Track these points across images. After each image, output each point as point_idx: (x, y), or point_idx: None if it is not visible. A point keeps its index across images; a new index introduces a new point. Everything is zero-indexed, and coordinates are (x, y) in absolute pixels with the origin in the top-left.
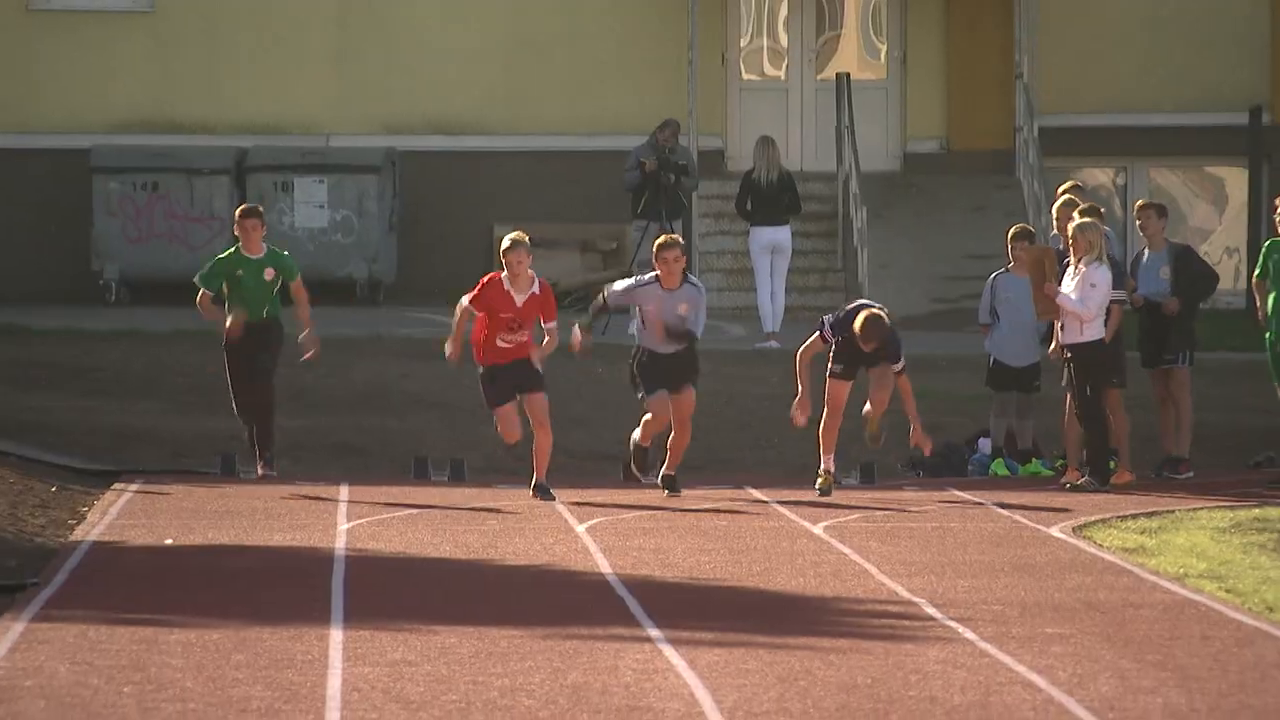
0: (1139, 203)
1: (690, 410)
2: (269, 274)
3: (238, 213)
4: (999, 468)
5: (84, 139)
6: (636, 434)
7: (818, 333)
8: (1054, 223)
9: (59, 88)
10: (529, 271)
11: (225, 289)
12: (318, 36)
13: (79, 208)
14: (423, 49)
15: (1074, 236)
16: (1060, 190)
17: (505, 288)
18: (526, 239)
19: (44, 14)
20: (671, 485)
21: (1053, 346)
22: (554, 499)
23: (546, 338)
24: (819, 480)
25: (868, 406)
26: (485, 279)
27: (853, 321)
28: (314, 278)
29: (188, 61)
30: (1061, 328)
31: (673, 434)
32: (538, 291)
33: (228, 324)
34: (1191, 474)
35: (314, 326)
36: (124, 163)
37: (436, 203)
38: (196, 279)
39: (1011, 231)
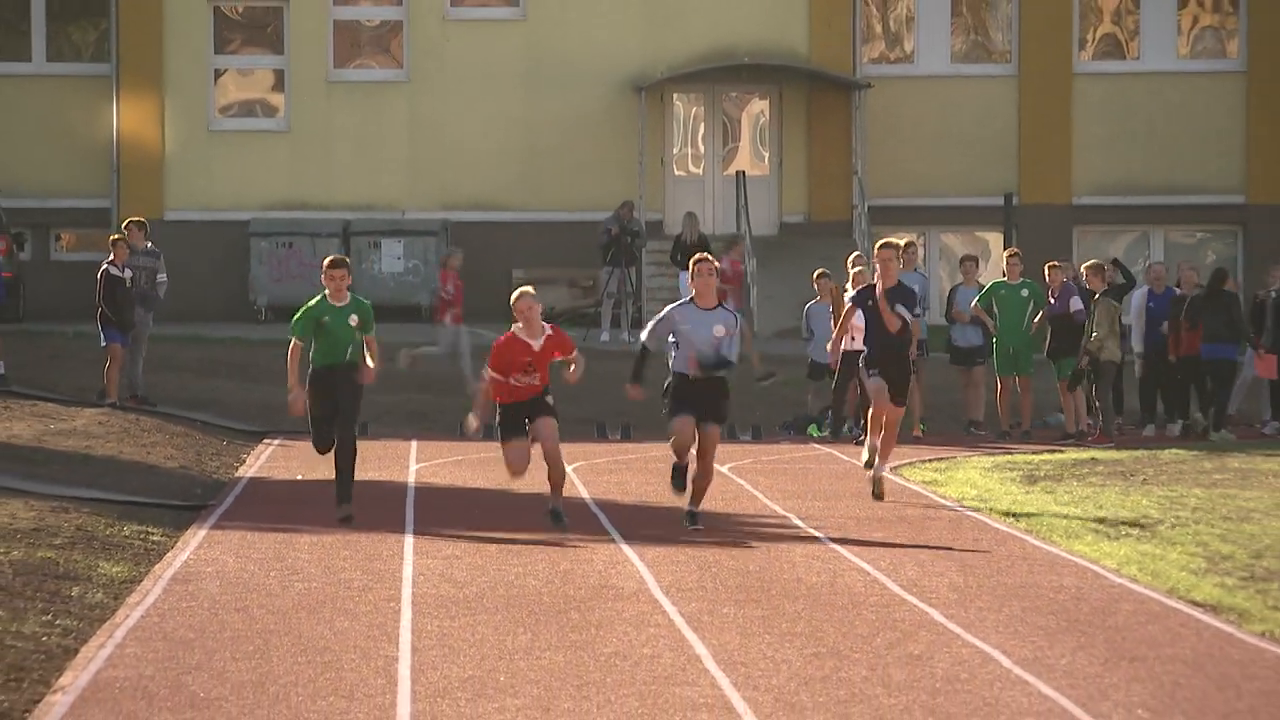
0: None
1: (713, 446)
2: (353, 320)
3: (325, 263)
4: (814, 430)
5: (244, 214)
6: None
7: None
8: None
9: (228, 180)
10: (539, 320)
11: (315, 336)
12: (396, 146)
13: (240, 259)
14: (466, 153)
15: (855, 278)
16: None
17: (521, 338)
18: (533, 289)
19: (219, 132)
20: (692, 520)
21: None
22: (565, 527)
23: (574, 366)
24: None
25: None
26: (498, 342)
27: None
28: (394, 304)
29: (311, 163)
30: (853, 338)
31: (695, 469)
32: (551, 334)
33: (291, 396)
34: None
35: (376, 370)
36: (270, 230)
37: (474, 255)
38: (290, 332)
39: (816, 273)
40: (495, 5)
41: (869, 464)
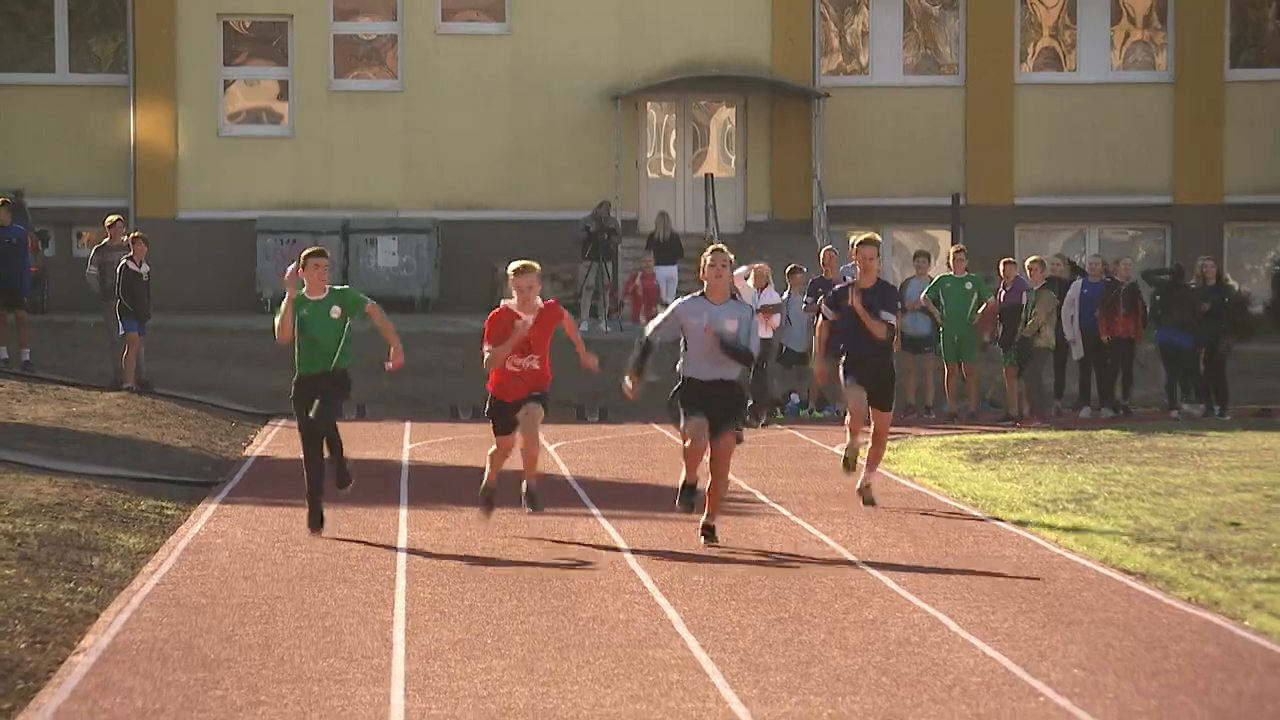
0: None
1: (729, 456)
2: (335, 312)
3: (303, 255)
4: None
5: (252, 213)
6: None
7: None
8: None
9: (236, 182)
10: (535, 298)
11: (296, 331)
12: (391, 150)
13: (248, 255)
14: (455, 157)
15: (757, 272)
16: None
17: (511, 310)
18: (537, 266)
19: (228, 138)
20: (710, 535)
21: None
22: (541, 509)
23: (578, 348)
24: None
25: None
26: (490, 317)
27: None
28: (389, 297)
29: (313, 166)
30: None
31: (710, 480)
32: (543, 308)
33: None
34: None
35: (399, 343)
36: (276, 228)
37: (462, 252)
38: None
39: (788, 268)
40: (483, 21)
41: (848, 464)
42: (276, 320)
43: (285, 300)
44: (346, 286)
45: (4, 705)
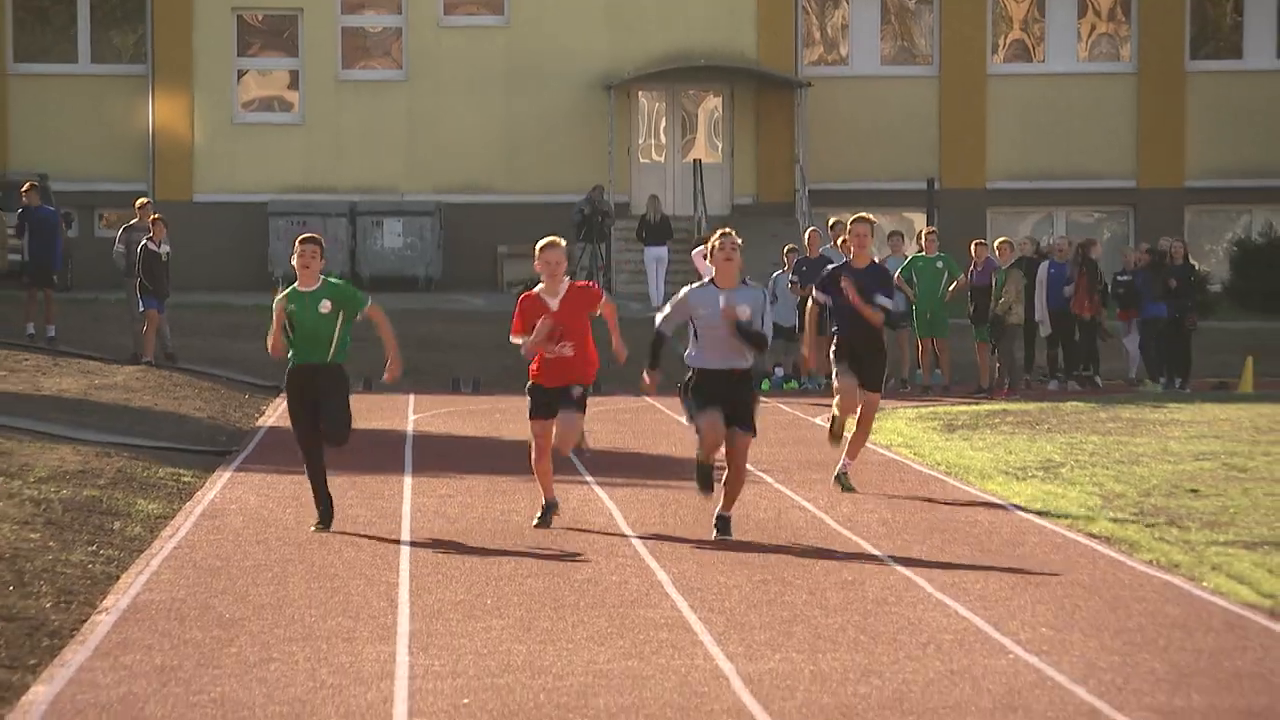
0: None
1: (745, 453)
2: (325, 306)
3: (296, 241)
4: (765, 385)
5: (264, 197)
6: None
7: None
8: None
9: (249, 167)
10: (562, 275)
11: (288, 326)
12: (396, 137)
13: (260, 236)
14: (456, 143)
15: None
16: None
17: (537, 294)
18: (563, 242)
19: (241, 125)
20: (724, 527)
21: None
22: (549, 524)
23: (614, 338)
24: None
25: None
26: (518, 303)
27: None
28: (394, 276)
29: (324, 151)
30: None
31: (726, 473)
32: (571, 286)
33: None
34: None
35: (397, 351)
36: (287, 210)
37: (464, 233)
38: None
39: (786, 248)
40: (482, 14)
41: (835, 435)
42: (269, 340)
43: (275, 317)
44: (343, 282)
45: (30, 661)
